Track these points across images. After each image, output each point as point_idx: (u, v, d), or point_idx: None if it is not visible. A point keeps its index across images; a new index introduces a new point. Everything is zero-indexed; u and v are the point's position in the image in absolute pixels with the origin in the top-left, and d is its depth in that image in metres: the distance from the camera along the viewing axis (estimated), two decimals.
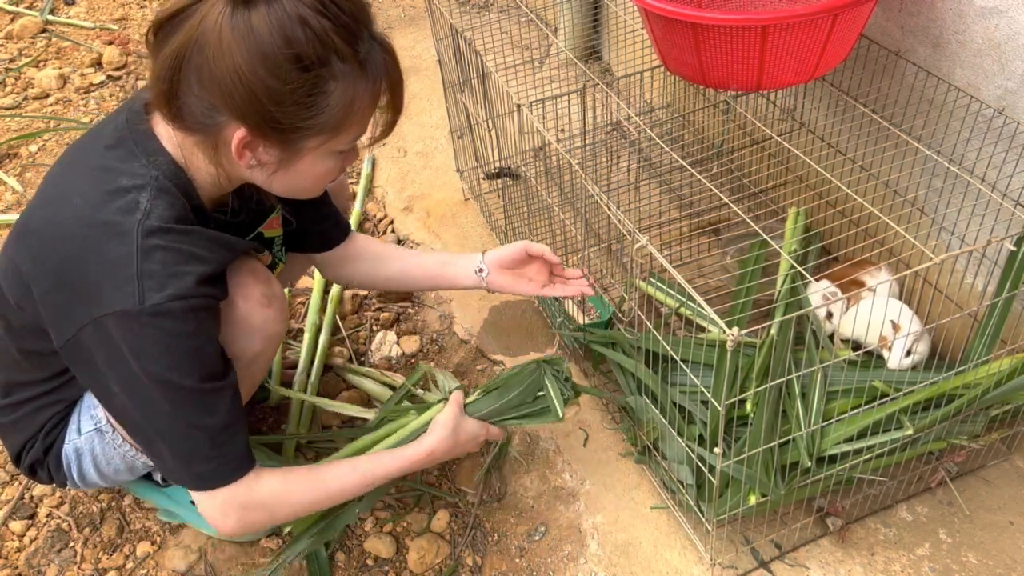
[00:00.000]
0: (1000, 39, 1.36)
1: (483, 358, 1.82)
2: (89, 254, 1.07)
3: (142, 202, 1.07)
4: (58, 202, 1.12)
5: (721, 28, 1.33)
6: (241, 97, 1.01)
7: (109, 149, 1.13)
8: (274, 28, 0.98)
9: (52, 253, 1.10)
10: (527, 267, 1.51)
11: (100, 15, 3.24)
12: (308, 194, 1.20)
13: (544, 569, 1.45)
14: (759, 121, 1.76)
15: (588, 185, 1.35)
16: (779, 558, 1.40)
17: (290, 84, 1.01)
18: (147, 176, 1.09)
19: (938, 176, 1.52)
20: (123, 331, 1.05)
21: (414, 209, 2.23)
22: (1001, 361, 1.35)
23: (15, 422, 1.33)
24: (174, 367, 1.07)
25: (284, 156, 1.10)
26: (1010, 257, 1.33)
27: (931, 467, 1.48)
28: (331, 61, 1.02)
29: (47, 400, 1.31)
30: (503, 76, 1.84)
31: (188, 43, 1.00)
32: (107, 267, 1.05)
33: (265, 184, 1.16)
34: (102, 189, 1.09)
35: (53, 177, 1.18)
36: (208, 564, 1.49)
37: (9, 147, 2.55)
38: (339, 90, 1.04)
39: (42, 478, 1.38)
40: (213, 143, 1.08)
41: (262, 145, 1.07)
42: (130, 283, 1.04)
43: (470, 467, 1.62)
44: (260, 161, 1.10)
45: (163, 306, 1.04)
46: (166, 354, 1.06)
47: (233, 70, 0.99)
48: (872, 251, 1.73)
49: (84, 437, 1.32)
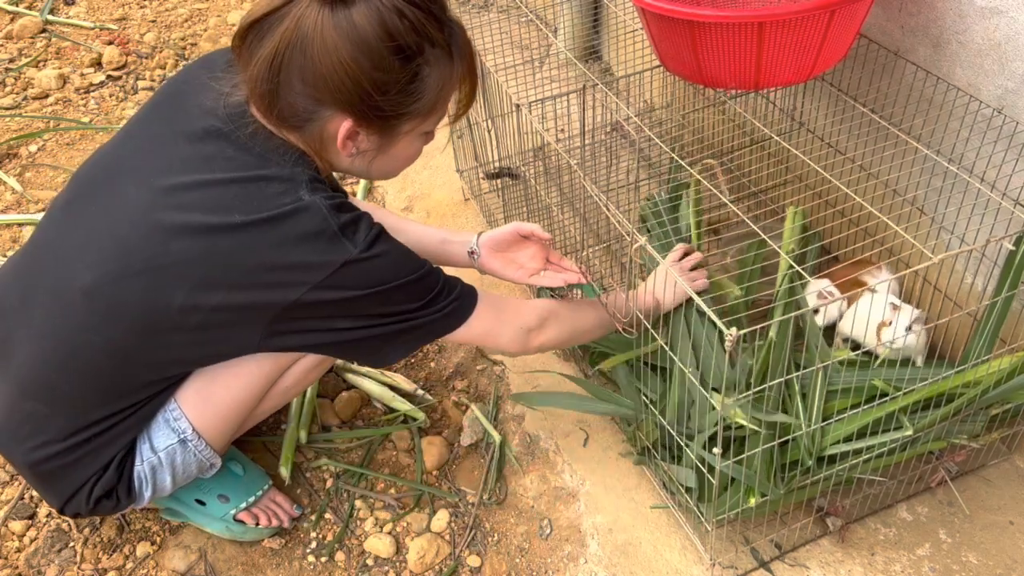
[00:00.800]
0: (1000, 39, 1.36)
1: (483, 358, 1.82)
2: (283, 241, 1.11)
3: (304, 196, 1.13)
4: (202, 227, 1.13)
5: (717, 25, 1.33)
6: (349, 90, 1.08)
7: (231, 161, 1.15)
8: (375, 22, 1.05)
9: (223, 269, 1.13)
10: (519, 251, 1.54)
11: (100, 15, 3.24)
12: (395, 175, 1.29)
13: (544, 569, 1.45)
14: (758, 121, 1.76)
15: (587, 185, 1.35)
16: (779, 558, 1.40)
17: (393, 73, 1.09)
18: (293, 174, 1.15)
19: (938, 176, 1.52)
20: (352, 277, 1.14)
21: (414, 209, 2.23)
22: (1001, 360, 1.34)
23: (76, 462, 1.28)
24: (406, 273, 1.18)
25: (383, 142, 1.18)
26: (1009, 256, 1.33)
27: (931, 467, 1.48)
28: (425, 48, 1.10)
29: (122, 428, 1.28)
30: (503, 76, 1.84)
31: (287, 45, 1.06)
32: (310, 239, 1.11)
33: (360, 171, 1.24)
34: (257, 196, 1.13)
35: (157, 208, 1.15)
36: (208, 564, 1.49)
37: (9, 147, 2.55)
38: (433, 75, 1.13)
39: (104, 509, 1.34)
40: (318, 137, 1.15)
41: (364, 133, 1.15)
42: (336, 238, 1.12)
43: (470, 467, 1.62)
44: (360, 149, 1.18)
45: (371, 237, 1.14)
46: (397, 266, 1.18)
47: (340, 66, 1.06)
48: (872, 251, 1.73)
49: (163, 452, 1.32)
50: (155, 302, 1.15)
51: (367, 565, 1.49)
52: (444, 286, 1.25)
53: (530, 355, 1.43)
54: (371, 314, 1.19)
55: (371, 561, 1.50)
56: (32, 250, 1.28)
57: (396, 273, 1.17)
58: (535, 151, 1.95)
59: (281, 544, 1.52)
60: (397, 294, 1.18)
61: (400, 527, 1.54)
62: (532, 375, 1.75)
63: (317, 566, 1.49)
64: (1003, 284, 1.34)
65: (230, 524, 1.48)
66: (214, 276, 1.13)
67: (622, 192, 2.05)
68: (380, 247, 1.15)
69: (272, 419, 1.72)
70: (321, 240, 1.11)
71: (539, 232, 1.49)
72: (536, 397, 1.55)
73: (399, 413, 1.71)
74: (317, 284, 1.12)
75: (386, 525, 1.54)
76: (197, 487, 1.47)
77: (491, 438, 1.65)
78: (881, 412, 1.32)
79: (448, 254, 1.57)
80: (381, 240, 1.16)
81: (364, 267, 1.14)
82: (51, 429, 1.25)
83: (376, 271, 1.15)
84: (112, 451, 1.29)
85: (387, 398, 1.73)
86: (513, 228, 1.52)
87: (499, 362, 1.80)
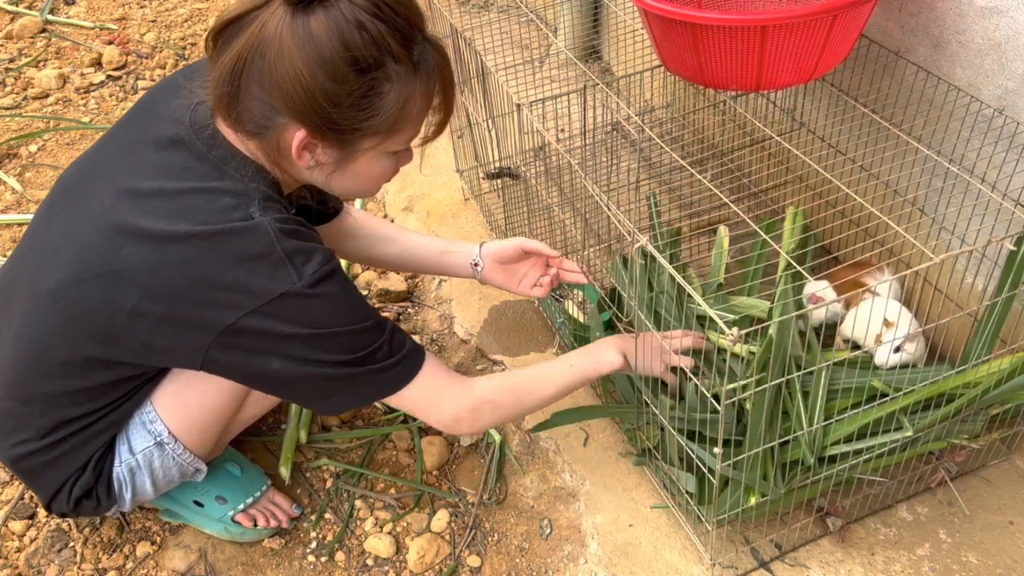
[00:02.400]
0: (1000, 39, 1.36)
1: (483, 358, 1.82)
2: (225, 260, 1.08)
3: (255, 214, 1.10)
4: (153, 235, 1.11)
5: (720, 28, 1.33)
6: (301, 99, 1.04)
7: (190, 171, 1.13)
8: (332, 32, 1.01)
9: (167, 280, 1.10)
10: (521, 264, 1.53)
11: (100, 15, 3.24)
12: (365, 194, 1.26)
13: (544, 569, 1.45)
14: (759, 121, 1.76)
15: (588, 185, 1.35)
16: (779, 558, 1.40)
17: (347, 86, 1.04)
18: (247, 189, 1.12)
19: (938, 176, 1.52)
20: (289, 312, 1.10)
21: (414, 209, 2.23)
22: (1001, 361, 1.34)
23: (56, 460, 1.29)
24: (344, 321, 1.14)
25: (341, 157, 1.14)
26: (1010, 257, 1.33)
27: (931, 467, 1.48)
28: (386, 63, 1.06)
29: (97, 428, 1.29)
30: (503, 76, 1.84)
31: (249, 48, 1.04)
32: (252, 261, 1.08)
33: (324, 184, 1.19)
34: (206, 208, 1.10)
35: (116, 212, 1.14)
36: (208, 564, 1.49)
37: (9, 147, 2.55)
38: (394, 92, 1.08)
39: (85, 510, 1.35)
40: (274, 145, 1.11)
41: (320, 146, 1.11)
42: (282, 266, 1.09)
43: (470, 467, 1.62)
44: (318, 162, 1.13)
45: (319, 274, 1.10)
46: (338, 313, 1.13)
47: (294, 74, 1.03)
48: (872, 251, 1.73)
49: (140, 455, 1.31)
50: (108, 307, 1.14)
51: (367, 565, 1.49)
52: (386, 346, 1.19)
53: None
54: (303, 357, 1.14)
55: (371, 561, 1.50)
56: (20, 249, 1.29)
57: (334, 319, 1.13)
58: (535, 151, 1.95)
59: (281, 544, 1.52)
60: (330, 342, 1.14)
61: (400, 527, 1.54)
62: None
63: (317, 566, 1.49)
64: (1003, 284, 1.34)
65: (228, 525, 1.48)
66: (159, 286, 1.10)
67: (622, 192, 2.05)
68: (325, 287, 1.11)
69: (272, 419, 1.72)
70: (264, 264, 1.08)
71: (545, 250, 1.48)
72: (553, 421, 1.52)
73: (399, 413, 1.71)
74: (253, 310, 1.09)
75: (386, 525, 1.54)
76: (195, 488, 1.47)
77: (491, 438, 1.65)
78: (881, 412, 1.32)
79: (448, 265, 1.56)
80: (329, 281, 1.12)
81: (303, 303, 1.10)
82: (29, 427, 1.27)
83: (314, 311, 1.11)
84: (89, 451, 1.30)
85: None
86: (518, 244, 1.50)
87: (499, 362, 1.80)
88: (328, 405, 1.24)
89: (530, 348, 1.82)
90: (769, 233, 1.64)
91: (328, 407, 1.24)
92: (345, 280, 1.15)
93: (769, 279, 1.69)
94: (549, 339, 1.84)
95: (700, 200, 2.04)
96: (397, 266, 1.61)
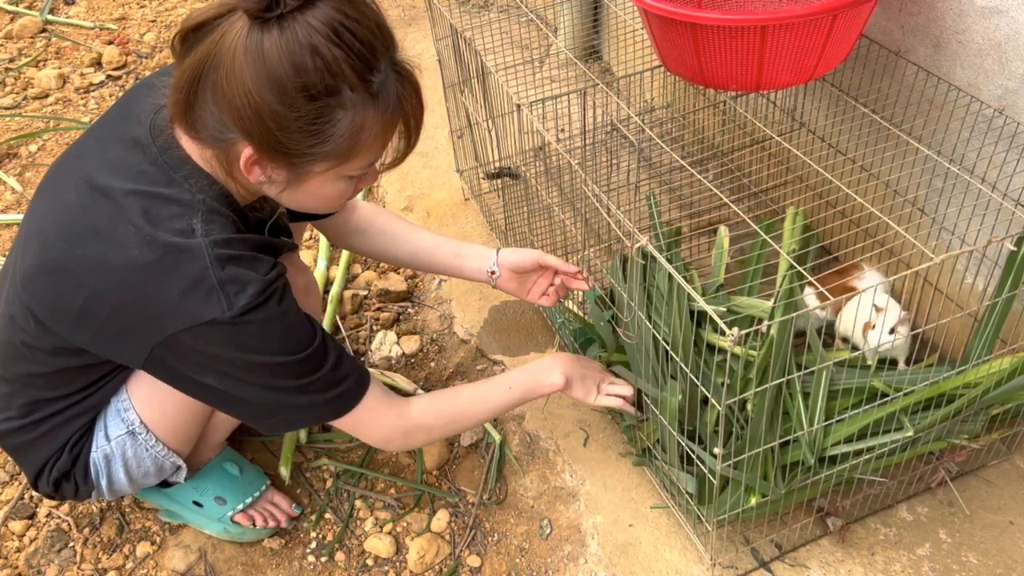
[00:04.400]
0: (1000, 39, 1.36)
1: (483, 358, 1.82)
2: (161, 276, 1.08)
3: (196, 227, 1.09)
4: (111, 236, 1.10)
5: (720, 28, 1.33)
6: (248, 118, 1.01)
7: (143, 175, 1.12)
8: (284, 54, 0.97)
9: (118, 284, 1.10)
10: (533, 273, 1.55)
11: (100, 15, 3.24)
12: (321, 211, 1.25)
13: (544, 569, 1.45)
14: (759, 121, 1.76)
15: (588, 184, 1.35)
16: (779, 558, 1.40)
17: (296, 111, 1.00)
18: (192, 200, 1.11)
19: (938, 176, 1.52)
20: (218, 338, 1.10)
21: (414, 209, 2.23)
22: (1001, 361, 1.34)
23: (38, 439, 1.31)
24: (276, 352, 1.13)
25: (291, 177, 1.10)
26: (1010, 257, 1.33)
27: (931, 467, 1.48)
28: (341, 90, 1.01)
29: (74, 412, 1.30)
30: (503, 76, 1.84)
31: (207, 57, 1.01)
32: (185, 284, 1.07)
33: (277, 199, 1.17)
34: (155, 218, 1.10)
35: (89, 206, 1.14)
36: (208, 564, 1.49)
37: (9, 147, 2.55)
38: (347, 119, 1.03)
39: (67, 493, 1.36)
40: (226, 157, 1.09)
41: (270, 165, 1.08)
42: (213, 293, 1.07)
43: (470, 467, 1.62)
44: (269, 178, 1.10)
45: (250, 305, 1.08)
46: (269, 342, 1.12)
47: (243, 91, 1.00)
48: (872, 251, 1.73)
49: (115, 442, 1.32)
50: (60, 302, 1.15)
51: (367, 565, 1.49)
52: (325, 377, 1.19)
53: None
54: (236, 377, 1.15)
55: (371, 561, 1.50)
56: (17, 234, 1.32)
57: (265, 348, 1.12)
58: (535, 151, 1.95)
59: (281, 544, 1.52)
60: (262, 369, 1.14)
61: (400, 527, 1.54)
62: None
63: (317, 566, 1.49)
64: (1003, 284, 1.34)
65: (228, 525, 1.48)
66: (104, 289, 1.11)
67: (622, 192, 2.05)
68: (256, 316, 1.09)
69: None
70: (198, 289, 1.07)
71: (563, 267, 1.50)
72: None
73: None
74: (183, 330, 1.09)
75: (386, 525, 1.54)
76: (194, 488, 1.47)
77: (491, 438, 1.65)
78: (882, 413, 1.32)
79: (462, 268, 1.56)
80: (261, 310, 1.09)
81: (232, 331, 1.09)
82: (12, 406, 1.29)
83: (244, 338, 1.11)
84: (67, 433, 1.31)
85: None
86: (536, 259, 1.51)
87: (499, 362, 1.80)
88: (264, 426, 1.25)
89: (530, 348, 1.82)
90: (769, 233, 1.64)
91: (265, 427, 1.26)
92: (282, 311, 1.13)
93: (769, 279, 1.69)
94: (549, 339, 1.84)
95: (700, 200, 2.04)
96: (408, 264, 1.62)
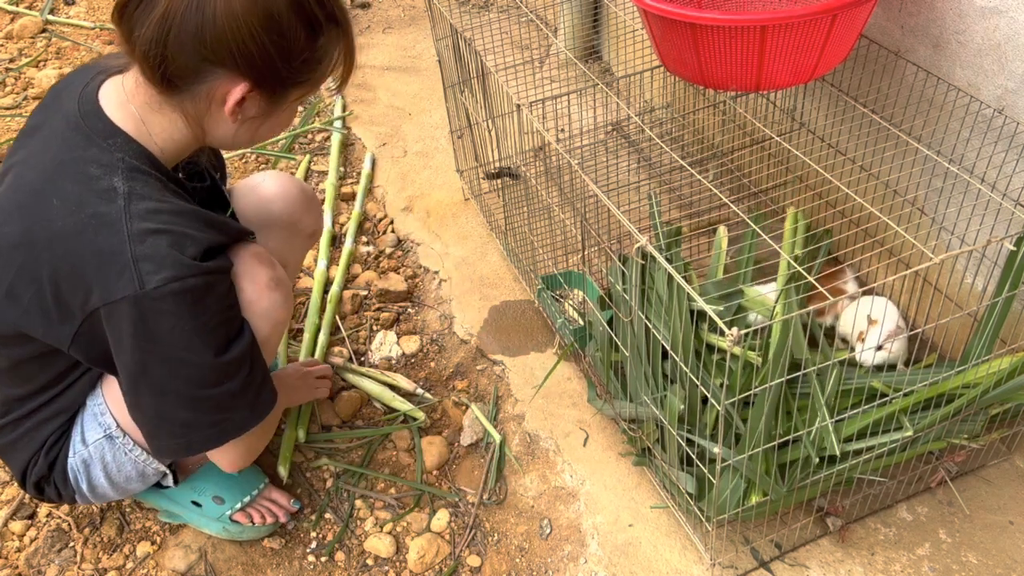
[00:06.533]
0: (1000, 39, 1.36)
1: (483, 358, 1.82)
2: (83, 249, 1.08)
3: (118, 187, 1.09)
4: (34, 209, 1.12)
5: (720, 28, 1.33)
6: (251, 55, 1.08)
7: (65, 141, 1.14)
8: None
9: (43, 259, 1.10)
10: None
11: (100, 15, 3.23)
12: (260, 142, 1.27)
13: (544, 569, 1.45)
14: (759, 121, 1.76)
15: (590, 185, 1.35)
16: (779, 558, 1.40)
17: (299, 43, 1.10)
18: (112, 159, 1.11)
19: (938, 176, 1.52)
20: (130, 318, 1.07)
21: (414, 209, 2.23)
22: (1001, 361, 1.35)
23: (16, 441, 1.31)
24: (184, 347, 1.10)
25: (268, 109, 1.16)
26: (1010, 257, 1.33)
27: (931, 467, 1.48)
28: (324, 22, 1.12)
29: (46, 413, 1.30)
30: (503, 76, 1.84)
31: (179, 7, 1.04)
32: (103, 258, 1.07)
33: (232, 137, 1.19)
34: (75, 183, 1.10)
35: (15, 185, 1.16)
36: (208, 564, 1.49)
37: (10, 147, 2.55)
38: (330, 48, 1.15)
39: (50, 496, 1.36)
40: (205, 100, 1.12)
41: (257, 100, 1.13)
42: (127, 269, 1.06)
43: (470, 467, 1.62)
44: (245, 115, 1.15)
45: (163, 288, 1.06)
46: (174, 335, 1.09)
47: (247, 31, 1.06)
48: (872, 251, 1.73)
49: (92, 446, 1.31)
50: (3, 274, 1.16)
51: (367, 565, 1.49)
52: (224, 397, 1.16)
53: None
54: (134, 368, 1.12)
55: (371, 561, 1.50)
56: None
57: (172, 340, 1.09)
58: (535, 151, 1.95)
59: (281, 544, 1.52)
60: (159, 365, 1.11)
61: (400, 527, 1.54)
62: (534, 374, 1.75)
63: (317, 566, 1.49)
64: (1003, 284, 1.34)
65: (227, 524, 1.48)
66: (27, 263, 1.11)
67: (622, 192, 2.05)
68: (166, 304, 1.06)
69: None
70: (114, 263, 1.06)
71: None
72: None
73: (399, 413, 1.71)
74: (101, 306, 1.08)
75: (386, 525, 1.54)
76: (192, 488, 1.47)
77: (491, 438, 1.65)
78: (881, 413, 1.32)
79: None
80: (176, 299, 1.07)
81: (140, 312, 1.07)
82: None
83: (150, 323, 1.07)
84: (41, 436, 1.31)
85: (387, 398, 1.73)
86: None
87: (499, 362, 1.80)
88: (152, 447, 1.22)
89: (530, 348, 1.82)
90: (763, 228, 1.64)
91: (153, 448, 1.22)
92: (201, 303, 1.10)
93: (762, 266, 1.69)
94: (549, 339, 1.84)
95: (700, 200, 2.04)
96: None
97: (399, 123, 2.55)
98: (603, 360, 1.56)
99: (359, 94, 2.70)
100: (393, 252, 2.12)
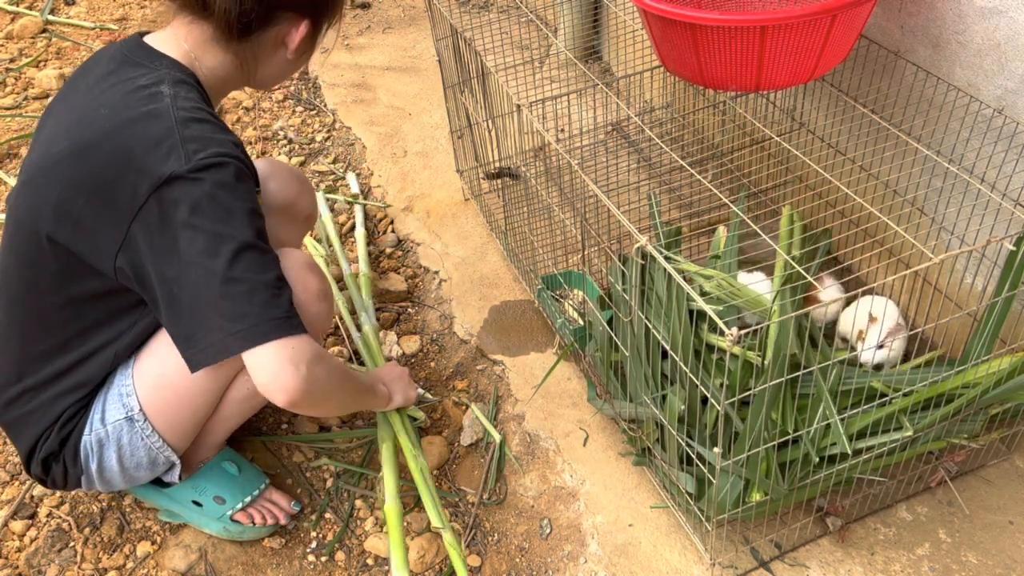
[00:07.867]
0: (1000, 39, 1.36)
1: (483, 358, 1.82)
2: (131, 141, 1.14)
3: (164, 91, 1.17)
4: (82, 123, 1.18)
5: (720, 29, 1.33)
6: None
7: (109, 73, 1.22)
8: None
9: (92, 162, 1.16)
10: None
11: (100, 15, 3.24)
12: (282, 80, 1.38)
13: (544, 569, 1.45)
14: (759, 121, 1.76)
15: (591, 186, 1.35)
16: (779, 558, 1.40)
17: None
18: (160, 73, 1.21)
19: (938, 176, 1.52)
20: (177, 194, 1.11)
21: (414, 209, 2.23)
22: (1001, 360, 1.35)
23: (30, 414, 1.30)
24: (220, 219, 1.12)
25: (310, 45, 1.31)
26: (1010, 257, 1.33)
27: (931, 467, 1.48)
28: None
29: (66, 384, 1.29)
30: (503, 76, 1.84)
31: None
32: (150, 145, 1.13)
33: (278, 76, 1.34)
34: (123, 94, 1.18)
35: (60, 119, 1.23)
36: (208, 564, 1.49)
37: (9, 147, 2.55)
38: None
39: (55, 475, 1.35)
40: (271, 43, 1.26)
41: (310, 39, 1.29)
42: (175, 150, 1.12)
43: (470, 467, 1.62)
44: (299, 52, 1.30)
45: (208, 160, 1.12)
46: (218, 207, 1.12)
47: None
48: (872, 251, 1.73)
49: (111, 426, 1.30)
50: (36, 201, 1.20)
51: (367, 565, 1.49)
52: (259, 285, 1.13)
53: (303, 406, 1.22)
54: (180, 249, 1.11)
55: (371, 561, 1.50)
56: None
57: (211, 212, 1.11)
58: (535, 151, 1.95)
59: (281, 544, 1.52)
60: (201, 238, 1.10)
61: None
62: (534, 374, 1.75)
63: (317, 566, 1.49)
64: (1003, 284, 1.34)
65: (227, 524, 1.48)
66: (75, 174, 1.16)
67: (622, 192, 2.05)
68: (212, 175, 1.12)
69: (272, 419, 1.72)
70: (160, 148, 1.12)
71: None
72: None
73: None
74: (151, 195, 1.11)
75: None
76: (193, 488, 1.47)
77: (491, 438, 1.65)
78: (881, 412, 1.32)
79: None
80: (217, 171, 1.12)
81: (187, 186, 1.10)
82: (4, 373, 1.31)
83: (195, 195, 1.11)
84: (57, 410, 1.30)
85: None
86: None
87: (499, 362, 1.80)
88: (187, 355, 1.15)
89: (530, 348, 1.82)
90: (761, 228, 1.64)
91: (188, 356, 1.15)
92: (240, 184, 1.14)
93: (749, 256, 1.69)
94: (549, 339, 1.84)
95: (700, 200, 2.04)
96: None
97: (399, 123, 2.55)
98: (603, 360, 1.56)
99: (359, 94, 2.70)
100: (393, 252, 2.12)
